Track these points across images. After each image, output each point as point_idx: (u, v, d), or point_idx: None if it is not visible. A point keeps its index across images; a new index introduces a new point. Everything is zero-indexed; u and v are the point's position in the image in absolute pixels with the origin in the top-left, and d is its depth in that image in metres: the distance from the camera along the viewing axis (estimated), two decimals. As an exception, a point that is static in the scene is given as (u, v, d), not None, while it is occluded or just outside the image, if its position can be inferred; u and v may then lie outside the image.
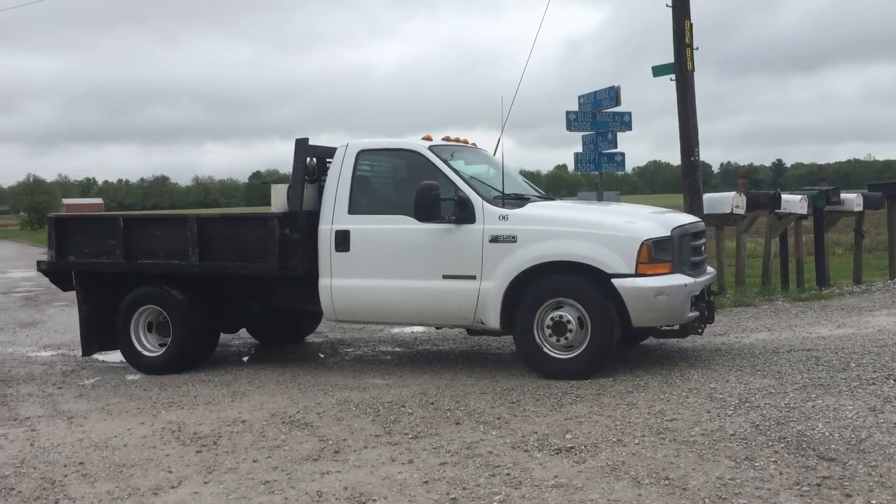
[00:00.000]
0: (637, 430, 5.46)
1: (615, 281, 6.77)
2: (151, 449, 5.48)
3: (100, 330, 8.45)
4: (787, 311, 10.61)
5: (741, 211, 12.24)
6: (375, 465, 4.98)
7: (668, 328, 7.45)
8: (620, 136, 14.12)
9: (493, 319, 7.12)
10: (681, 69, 11.98)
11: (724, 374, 6.97)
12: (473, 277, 7.13)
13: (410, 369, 7.79)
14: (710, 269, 8.09)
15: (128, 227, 8.19)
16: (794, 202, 12.64)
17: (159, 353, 8.12)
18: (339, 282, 7.55)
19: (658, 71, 12.30)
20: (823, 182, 13.74)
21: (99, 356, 8.89)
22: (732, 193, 12.35)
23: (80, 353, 8.64)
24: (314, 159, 7.97)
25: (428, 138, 7.94)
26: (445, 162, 7.48)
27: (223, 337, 9.17)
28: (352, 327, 9.92)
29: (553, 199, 8.29)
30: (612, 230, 6.93)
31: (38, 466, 5.18)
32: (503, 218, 7.09)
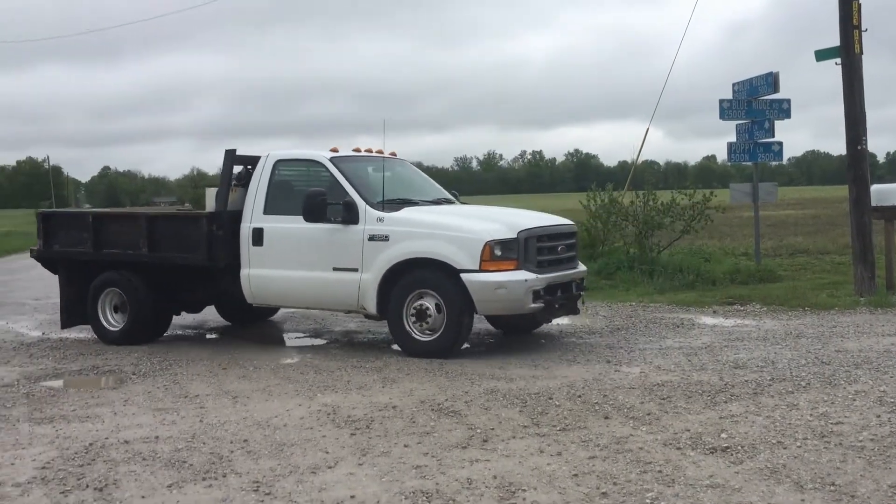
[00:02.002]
0: (798, 433, 5.21)
1: (463, 275, 7.85)
2: (309, 430, 5.72)
3: (80, 307, 9.68)
4: (967, 312, 9.80)
5: (914, 203, 11.38)
6: (524, 456, 4.99)
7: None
8: (777, 124, 13.50)
9: (372, 306, 8.25)
10: (847, 52, 11.27)
11: None
12: (356, 270, 8.30)
13: (556, 362, 7.75)
14: (581, 266, 9.07)
15: (95, 222, 9.55)
16: (976, 193, 11.62)
17: (119, 327, 9.42)
18: (255, 272, 8.81)
19: (821, 55, 11.63)
20: None
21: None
22: (904, 184, 11.50)
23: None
24: (249, 166, 9.15)
25: (335, 150, 9.08)
26: (341, 171, 8.62)
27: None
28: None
29: (448, 204, 9.32)
30: (461, 232, 8.01)
31: (207, 442, 5.52)
32: (380, 220, 8.24)
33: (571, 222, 9.23)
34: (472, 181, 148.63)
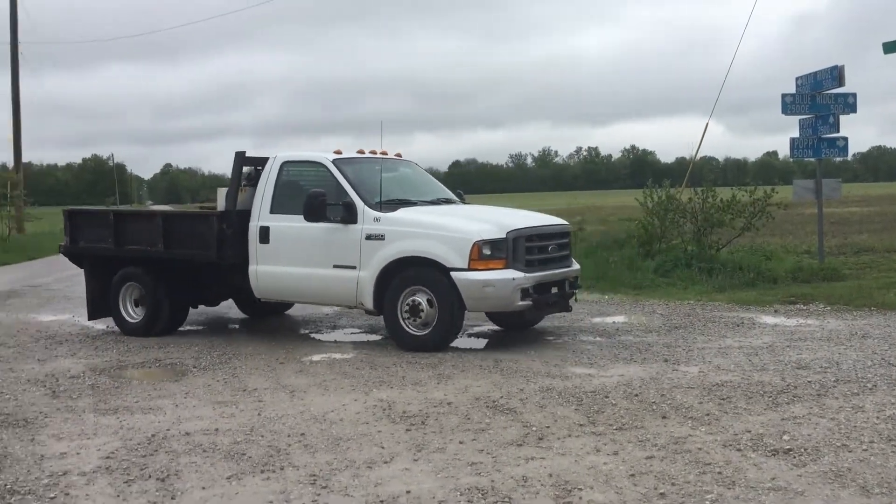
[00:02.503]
0: (864, 436, 5.07)
1: (453, 274, 8.14)
2: (364, 425, 5.76)
3: (104, 300, 10.13)
4: None
5: None
6: (580, 455, 4.95)
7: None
8: (843, 119, 13.15)
9: (369, 302, 8.56)
10: (917, 44, 10.92)
11: (968, 380, 6.30)
12: (354, 267, 8.62)
13: (613, 360, 7.68)
14: (575, 265, 9.29)
15: (117, 220, 10.04)
16: None
17: (138, 319, 9.83)
18: (262, 268, 9.19)
19: (890, 47, 11.33)
20: None
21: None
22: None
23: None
24: (259, 167, 9.48)
25: (338, 152, 9.38)
26: (342, 172, 8.95)
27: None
28: (558, 317, 9.91)
29: (448, 204, 9.52)
30: (452, 232, 8.29)
31: (265, 435, 5.60)
32: (377, 220, 8.55)
33: (565, 222, 9.47)
34: (526, 178, 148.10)
